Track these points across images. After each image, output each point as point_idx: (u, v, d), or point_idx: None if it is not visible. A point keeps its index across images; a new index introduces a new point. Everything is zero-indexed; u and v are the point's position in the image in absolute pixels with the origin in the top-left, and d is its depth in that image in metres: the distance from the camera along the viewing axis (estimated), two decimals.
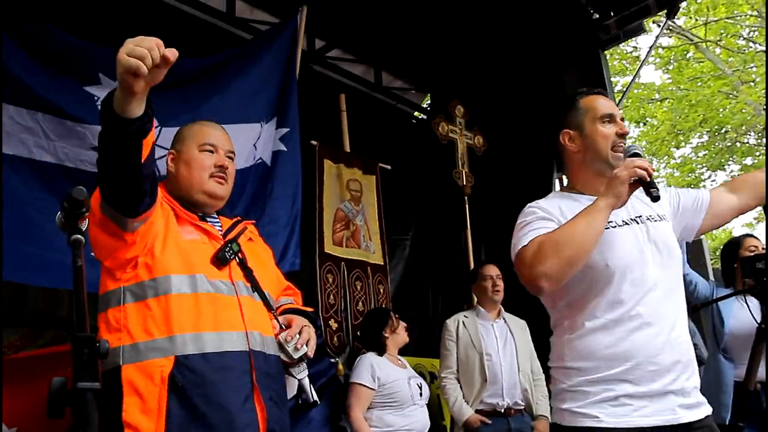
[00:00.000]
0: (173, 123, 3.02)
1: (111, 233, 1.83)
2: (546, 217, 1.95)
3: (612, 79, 10.12)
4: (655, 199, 1.82)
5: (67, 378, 0.91)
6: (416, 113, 7.15)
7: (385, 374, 3.81)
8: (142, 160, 1.67)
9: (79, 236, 1.19)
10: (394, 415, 3.78)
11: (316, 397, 2.11)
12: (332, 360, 4.04)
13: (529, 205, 2.05)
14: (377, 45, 6.17)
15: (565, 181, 6.67)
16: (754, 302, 3.58)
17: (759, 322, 3.21)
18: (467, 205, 5.34)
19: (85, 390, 0.84)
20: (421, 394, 3.89)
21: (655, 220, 1.99)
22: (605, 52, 6.41)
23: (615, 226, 1.91)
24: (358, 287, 4.56)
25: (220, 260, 1.96)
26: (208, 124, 2.21)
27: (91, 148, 3.33)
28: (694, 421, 1.83)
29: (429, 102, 7.40)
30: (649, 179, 1.81)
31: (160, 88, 1.71)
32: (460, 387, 4.04)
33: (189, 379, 1.78)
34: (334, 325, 4.33)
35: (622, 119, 2.08)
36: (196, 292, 1.88)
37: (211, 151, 2.10)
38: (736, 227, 16.27)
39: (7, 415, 2.37)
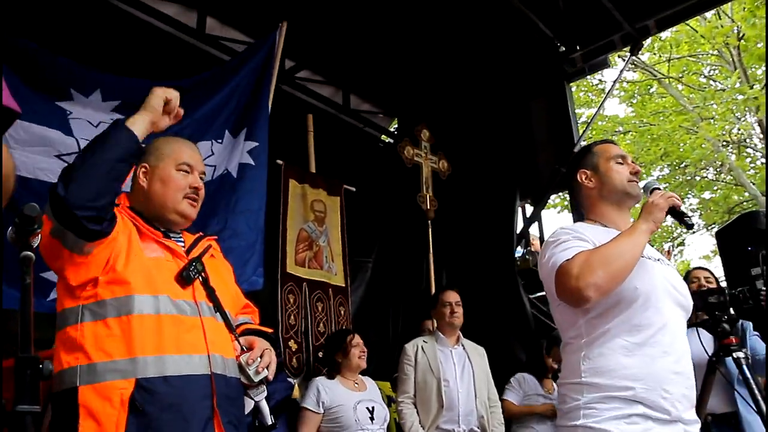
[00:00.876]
0: (144, 141, 3.04)
1: (58, 257, 1.83)
2: (581, 237, 2.05)
3: (577, 110, 10.31)
4: (690, 226, 2.00)
5: (7, 399, 0.89)
6: (383, 137, 7.19)
7: (331, 398, 3.76)
8: (122, 182, 1.80)
9: (29, 254, 1.17)
10: None
11: (272, 420, 2.07)
12: (290, 380, 4.00)
13: (560, 227, 2.17)
14: (347, 68, 6.22)
15: (529, 211, 6.70)
16: (705, 335, 3.65)
17: (710, 355, 3.29)
18: (430, 230, 5.36)
19: (25, 413, 0.82)
20: (372, 419, 3.83)
21: (666, 264, 2.15)
22: (571, 84, 6.55)
23: (643, 257, 2.02)
24: (320, 308, 4.54)
25: (184, 279, 1.93)
26: (185, 142, 2.20)
27: (56, 156, 3.28)
28: None
29: (396, 126, 7.45)
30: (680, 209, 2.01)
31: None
32: (417, 412, 4.02)
33: (150, 403, 1.74)
34: (293, 346, 4.29)
35: (634, 162, 2.28)
36: (158, 313, 1.84)
37: (187, 171, 2.09)
38: (694, 259, 16.58)
39: None
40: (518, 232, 6.15)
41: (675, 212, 2.02)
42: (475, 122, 6.48)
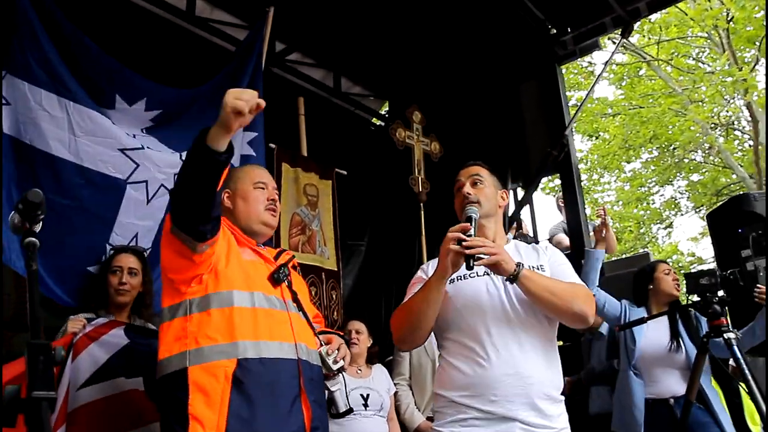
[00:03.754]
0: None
1: (180, 254, 2.10)
2: (426, 274, 2.35)
3: (567, 93, 10.31)
4: (469, 268, 2.07)
5: (20, 386, 0.89)
6: (374, 120, 7.17)
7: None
8: (217, 189, 1.99)
9: (34, 239, 1.17)
10: (332, 424, 3.75)
11: (348, 407, 2.47)
12: None
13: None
14: (337, 50, 6.18)
15: (520, 194, 6.69)
16: (664, 322, 3.74)
17: (701, 336, 3.34)
18: (423, 212, 5.36)
19: (40, 399, 0.82)
20: (365, 405, 3.84)
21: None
22: (561, 66, 6.54)
23: (462, 278, 2.28)
24: (313, 293, 4.54)
25: (275, 279, 2.26)
26: (256, 166, 2.63)
27: (120, 150, 3.30)
28: None
29: (387, 109, 7.44)
30: (465, 250, 2.04)
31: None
32: (412, 394, 4.05)
33: (249, 379, 2.04)
34: None
35: (474, 179, 2.43)
36: (254, 306, 2.16)
37: (263, 188, 2.40)
38: (682, 241, 16.71)
39: None
40: (509, 215, 6.16)
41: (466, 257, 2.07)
42: (466, 104, 6.47)
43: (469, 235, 2.11)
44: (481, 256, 2.05)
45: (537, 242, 6.75)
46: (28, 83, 3.09)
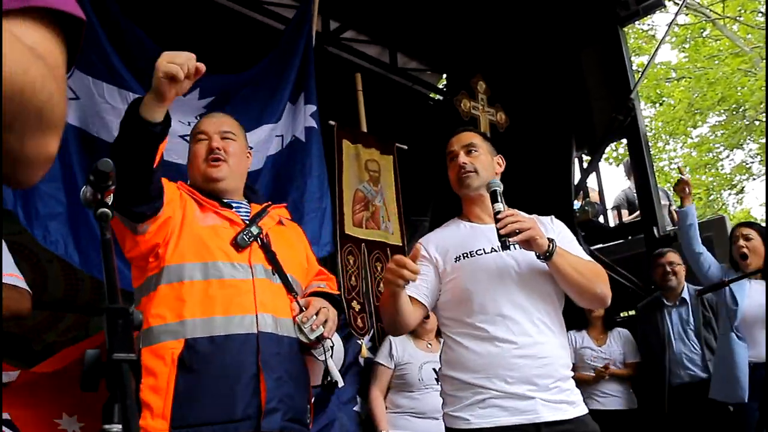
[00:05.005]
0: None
1: (125, 234, 1.98)
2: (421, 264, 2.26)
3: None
4: (506, 248, 2.04)
5: (101, 350, 0.88)
6: (432, 94, 7.09)
7: (400, 355, 3.81)
8: (155, 165, 1.81)
9: (106, 210, 1.15)
10: (403, 398, 3.77)
11: (338, 378, 2.13)
12: (357, 341, 4.04)
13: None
14: (392, 26, 6.11)
15: (585, 161, 6.54)
16: (762, 284, 3.60)
17: None
18: None
19: (121, 361, 0.80)
20: (437, 380, 3.84)
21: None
22: (624, 28, 6.32)
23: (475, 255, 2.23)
24: (379, 269, 4.51)
25: (238, 243, 2.04)
26: (207, 114, 2.38)
27: (180, 137, 3.30)
28: None
29: (444, 83, 7.34)
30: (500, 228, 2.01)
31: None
32: None
33: (197, 361, 1.88)
34: (356, 306, 4.29)
35: (468, 148, 2.35)
36: (208, 278, 1.97)
37: (204, 139, 2.19)
38: (754, 207, 16.09)
39: (69, 404, 2.49)
40: (575, 183, 6.01)
41: None
42: (527, 74, 6.30)
43: (499, 212, 2.04)
44: (517, 231, 1.98)
45: (606, 211, 6.60)
46: (92, 78, 3.15)
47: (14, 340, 4.11)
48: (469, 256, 2.18)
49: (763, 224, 4.16)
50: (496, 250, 2.14)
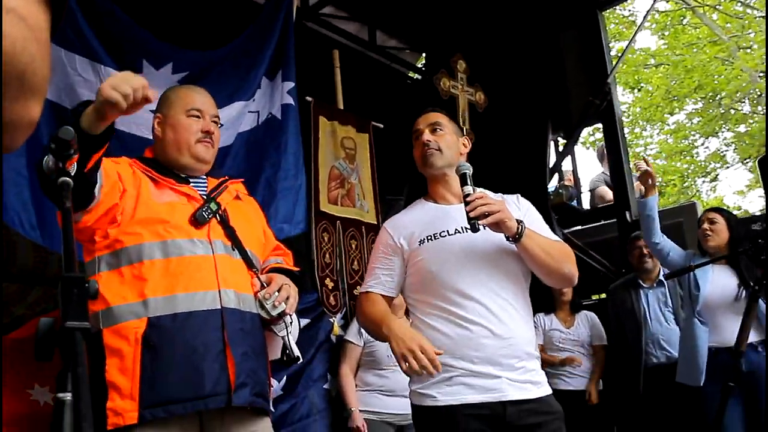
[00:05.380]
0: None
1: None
2: (387, 254, 2.32)
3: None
4: (475, 230, 2.05)
5: (55, 319, 0.87)
6: (410, 73, 7.05)
7: None
8: (85, 170, 1.74)
9: (67, 179, 1.14)
10: (373, 375, 3.81)
11: (297, 353, 2.15)
12: (330, 319, 4.04)
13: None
14: (371, 3, 6.05)
15: (561, 145, 6.56)
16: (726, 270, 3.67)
17: (752, 283, 3.24)
18: None
19: (74, 329, 0.80)
20: None
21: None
22: (603, 12, 6.32)
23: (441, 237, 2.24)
24: (353, 246, 4.52)
25: (197, 220, 2.05)
26: (194, 88, 2.31)
27: (152, 112, 3.30)
28: None
29: (423, 63, 7.30)
30: (469, 211, 2.03)
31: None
32: None
33: (161, 339, 1.89)
34: (330, 284, 4.28)
35: (434, 127, 2.33)
36: (168, 257, 1.97)
37: (197, 116, 2.17)
38: (728, 194, 16.30)
39: (41, 375, 2.53)
40: (551, 166, 6.04)
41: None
42: (505, 55, 6.29)
43: (468, 195, 2.05)
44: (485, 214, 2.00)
45: (580, 194, 6.64)
46: (64, 49, 3.10)
47: None
48: (433, 238, 2.19)
49: (734, 211, 4.22)
50: (460, 231, 2.15)
